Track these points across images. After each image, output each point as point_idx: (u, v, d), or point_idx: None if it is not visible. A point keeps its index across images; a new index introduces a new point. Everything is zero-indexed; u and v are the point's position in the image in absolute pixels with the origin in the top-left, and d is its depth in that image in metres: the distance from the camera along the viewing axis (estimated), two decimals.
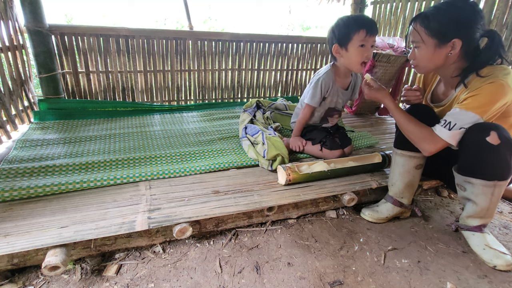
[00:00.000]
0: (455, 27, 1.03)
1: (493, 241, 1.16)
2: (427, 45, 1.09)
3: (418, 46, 1.12)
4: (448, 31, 1.04)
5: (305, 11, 7.81)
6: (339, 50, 1.43)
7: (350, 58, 1.41)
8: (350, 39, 1.37)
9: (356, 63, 1.41)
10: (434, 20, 1.05)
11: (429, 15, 1.06)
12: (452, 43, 1.05)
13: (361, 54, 1.38)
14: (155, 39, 2.39)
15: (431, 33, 1.06)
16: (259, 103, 2.12)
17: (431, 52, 1.09)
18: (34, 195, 1.20)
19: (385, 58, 2.26)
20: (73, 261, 1.05)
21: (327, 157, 1.60)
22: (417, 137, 1.15)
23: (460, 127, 1.05)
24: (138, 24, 5.90)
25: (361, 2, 3.14)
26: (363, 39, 1.35)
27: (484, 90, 1.02)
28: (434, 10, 1.06)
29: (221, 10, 7.46)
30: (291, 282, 1.01)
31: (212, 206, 1.18)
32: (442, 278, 1.06)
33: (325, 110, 1.65)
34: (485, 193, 1.09)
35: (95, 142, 1.74)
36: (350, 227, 1.31)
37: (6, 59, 1.85)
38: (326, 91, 1.54)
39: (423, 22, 1.07)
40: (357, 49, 1.37)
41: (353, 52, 1.39)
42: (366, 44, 1.36)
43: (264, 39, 2.76)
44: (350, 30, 1.36)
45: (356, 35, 1.35)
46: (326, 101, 1.59)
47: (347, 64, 1.46)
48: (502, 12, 2.00)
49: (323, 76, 1.52)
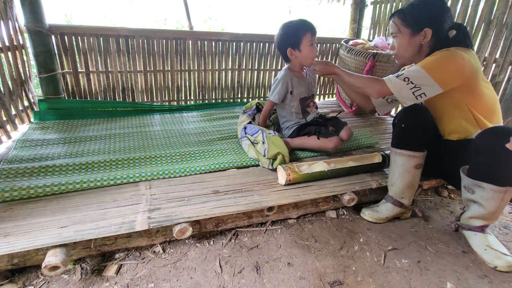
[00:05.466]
0: (426, 18, 1.19)
1: (495, 241, 1.16)
2: (403, 35, 1.24)
3: (396, 36, 1.28)
4: (420, 21, 1.19)
5: (305, 11, 7.81)
6: (293, 52, 1.67)
7: (303, 56, 1.66)
8: (301, 42, 1.62)
9: (310, 59, 1.65)
10: (409, 13, 1.21)
11: (405, 9, 1.24)
12: (424, 32, 1.19)
13: (311, 51, 1.64)
14: (155, 39, 2.39)
15: (407, 24, 1.22)
16: (259, 105, 2.12)
17: (406, 41, 1.24)
18: (34, 195, 1.20)
19: (385, 58, 2.26)
20: (73, 261, 1.05)
21: (326, 146, 1.67)
22: (367, 84, 1.29)
23: (405, 77, 1.16)
24: (138, 24, 5.89)
25: (361, 2, 3.14)
26: (310, 39, 1.61)
27: (438, 54, 1.15)
28: (409, 6, 1.23)
29: (221, 10, 7.45)
30: (291, 282, 1.01)
31: (212, 206, 1.18)
32: (442, 278, 1.06)
33: (298, 102, 1.80)
34: (495, 198, 1.08)
35: (95, 142, 1.74)
36: (350, 227, 1.31)
37: (6, 59, 1.85)
38: (290, 86, 1.76)
39: (400, 15, 1.24)
40: (307, 48, 1.63)
41: (305, 52, 1.64)
42: (313, 43, 1.64)
43: (264, 39, 2.76)
44: (300, 34, 1.61)
45: (304, 38, 1.61)
46: (294, 94, 1.78)
47: (301, 61, 1.71)
48: (502, 12, 2.00)
49: (282, 76, 1.75)
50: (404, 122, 1.27)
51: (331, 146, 1.66)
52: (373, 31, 3.06)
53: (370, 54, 2.27)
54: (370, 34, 3.10)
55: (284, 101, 1.81)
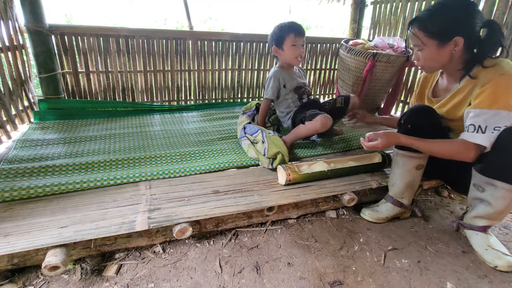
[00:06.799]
0: (454, 26, 1.05)
1: (496, 242, 1.16)
2: (429, 47, 1.11)
3: (420, 49, 1.14)
4: (447, 30, 1.06)
5: (305, 11, 7.81)
6: (278, 50, 1.77)
7: (286, 55, 1.75)
8: (284, 41, 1.71)
9: (292, 58, 1.74)
10: (431, 23, 1.07)
11: (425, 18, 1.09)
12: (454, 41, 1.06)
13: (294, 51, 1.71)
14: (155, 39, 2.39)
15: (431, 35, 1.09)
16: (259, 105, 2.12)
17: (434, 53, 1.11)
18: (34, 195, 1.20)
19: (385, 58, 2.26)
20: (73, 261, 1.05)
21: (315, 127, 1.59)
22: (453, 153, 1.12)
23: (494, 127, 1.02)
24: (138, 24, 5.89)
25: (361, 2, 3.14)
26: (294, 40, 1.69)
27: (498, 83, 1.02)
28: (429, 13, 1.09)
29: (221, 10, 7.45)
30: (291, 282, 1.01)
31: (212, 206, 1.18)
32: (442, 278, 1.06)
33: (293, 92, 1.85)
34: (506, 197, 1.07)
35: (95, 142, 1.74)
36: (350, 227, 1.31)
37: (6, 59, 1.85)
38: (281, 80, 1.81)
39: (421, 26, 1.10)
40: (290, 48, 1.71)
41: (287, 51, 1.73)
42: (297, 43, 1.70)
43: (264, 39, 2.75)
44: (283, 34, 1.70)
45: (287, 38, 1.69)
46: (287, 86, 1.83)
47: (285, 60, 1.79)
48: (502, 12, 2.00)
49: (273, 74, 1.81)
50: (411, 123, 1.23)
51: (318, 126, 1.59)
52: (373, 31, 3.06)
53: (370, 54, 2.27)
54: (370, 34, 3.10)
55: (279, 97, 1.84)
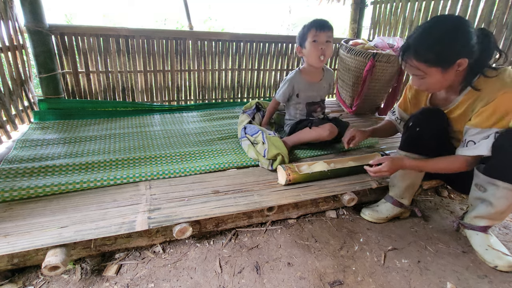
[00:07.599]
0: (455, 50, 0.99)
1: (496, 242, 1.16)
2: (433, 75, 1.04)
3: (423, 78, 1.07)
4: (448, 56, 1.00)
5: (305, 11, 7.81)
6: (300, 50, 1.68)
7: (308, 53, 1.63)
8: (306, 38, 1.60)
9: (314, 57, 1.61)
10: (428, 51, 1.00)
11: (418, 47, 1.01)
12: (457, 63, 1.00)
13: (315, 48, 1.59)
14: (155, 39, 2.39)
15: (433, 64, 1.01)
16: (259, 104, 2.12)
17: (439, 78, 1.05)
18: (34, 195, 1.20)
19: (385, 58, 2.26)
20: (73, 261, 1.05)
21: (321, 135, 1.61)
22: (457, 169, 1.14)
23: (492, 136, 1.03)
24: (138, 24, 5.90)
25: (361, 2, 3.14)
26: (315, 34, 1.57)
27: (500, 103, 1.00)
28: (421, 41, 1.01)
29: (221, 10, 7.45)
30: (291, 282, 1.01)
31: (212, 206, 1.18)
32: (442, 278, 1.06)
33: (304, 106, 1.78)
34: (508, 197, 1.07)
35: (95, 142, 1.74)
36: (350, 227, 1.31)
37: (6, 59, 1.85)
38: (297, 88, 1.74)
39: (418, 56, 1.02)
40: (311, 44, 1.59)
41: (309, 48, 1.61)
42: (318, 39, 1.58)
43: (264, 39, 2.76)
44: (305, 30, 1.61)
45: (309, 33, 1.59)
46: (301, 97, 1.76)
47: (308, 60, 1.67)
48: (502, 12, 2.00)
49: (290, 78, 1.74)
50: (419, 126, 1.20)
51: (325, 134, 1.59)
52: (373, 31, 3.06)
53: (370, 54, 2.27)
54: (370, 34, 3.10)
55: (289, 101, 1.80)
